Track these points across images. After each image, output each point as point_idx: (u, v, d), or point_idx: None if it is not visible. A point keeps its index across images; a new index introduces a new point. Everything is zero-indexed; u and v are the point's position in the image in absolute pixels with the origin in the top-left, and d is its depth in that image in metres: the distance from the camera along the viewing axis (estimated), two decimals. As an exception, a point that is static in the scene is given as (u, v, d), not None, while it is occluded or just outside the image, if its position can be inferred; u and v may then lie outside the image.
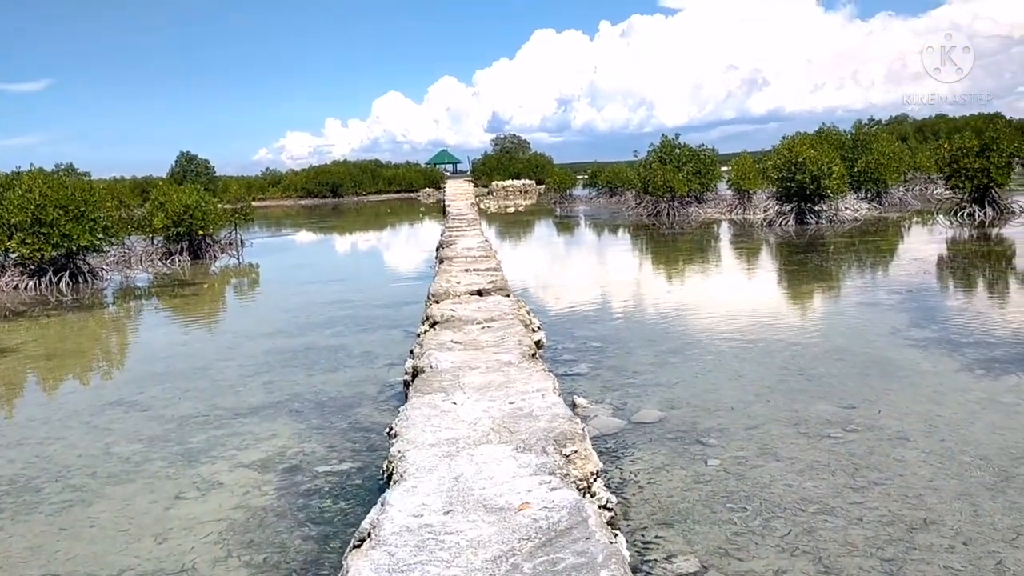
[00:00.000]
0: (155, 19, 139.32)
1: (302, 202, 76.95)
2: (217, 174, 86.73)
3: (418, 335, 8.98)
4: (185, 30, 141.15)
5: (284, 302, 14.10)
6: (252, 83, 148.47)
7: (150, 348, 10.74)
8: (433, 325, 8.50)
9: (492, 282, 10.78)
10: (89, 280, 18.63)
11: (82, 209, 18.48)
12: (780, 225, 23.77)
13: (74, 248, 18.09)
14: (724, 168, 37.68)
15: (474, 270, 12.21)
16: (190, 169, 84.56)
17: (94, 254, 19.59)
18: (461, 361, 6.32)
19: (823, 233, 21.76)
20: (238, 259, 24.46)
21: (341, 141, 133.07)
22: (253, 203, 79.33)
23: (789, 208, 24.20)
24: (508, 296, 10.46)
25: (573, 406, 6.82)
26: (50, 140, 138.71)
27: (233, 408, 7.28)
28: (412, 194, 78.99)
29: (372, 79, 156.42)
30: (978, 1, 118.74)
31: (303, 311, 12.67)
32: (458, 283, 10.99)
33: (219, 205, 26.70)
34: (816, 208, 24.06)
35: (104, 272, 19.68)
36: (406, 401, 5.51)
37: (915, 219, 25.61)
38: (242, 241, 27.87)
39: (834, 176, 23.43)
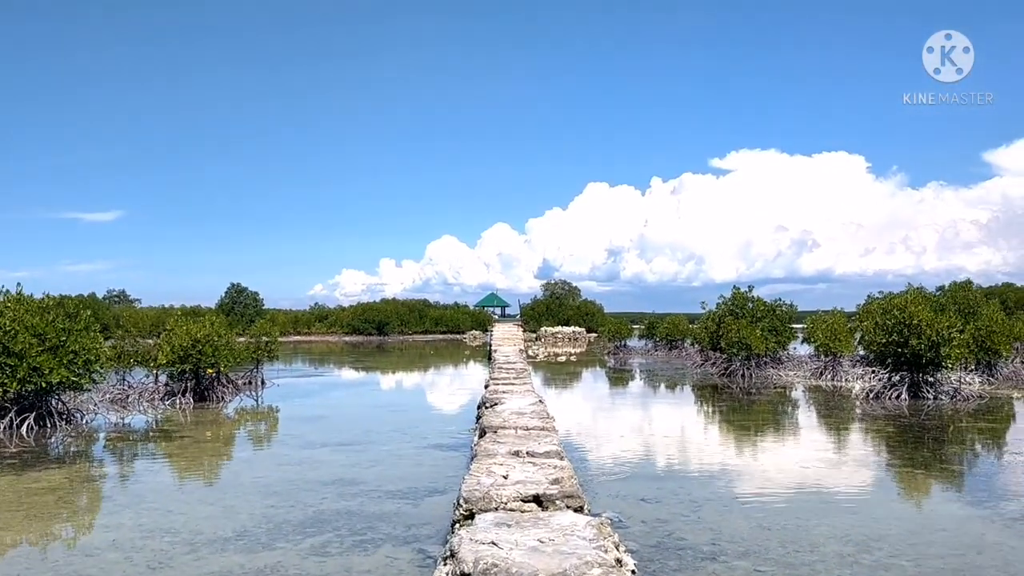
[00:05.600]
0: (219, 158, 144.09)
1: (347, 338, 74.90)
2: (267, 307, 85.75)
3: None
4: (249, 169, 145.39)
5: (272, 478, 10.58)
6: (311, 221, 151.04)
7: (41, 556, 7.27)
8: (461, 579, 4.97)
9: (556, 481, 7.24)
10: (58, 424, 15.48)
11: (63, 339, 15.56)
12: (889, 398, 19.87)
13: (43, 384, 15.03)
14: (795, 326, 34.22)
15: (527, 453, 8.69)
16: (239, 300, 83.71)
17: (76, 392, 16.58)
18: None
19: (944, 411, 17.80)
20: (257, 402, 21.32)
21: (394, 280, 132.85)
22: (298, 337, 77.74)
23: (899, 378, 20.34)
24: (582, 509, 6.88)
25: None
26: (115, 268, 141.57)
27: None
28: (459, 336, 76.55)
29: (427, 223, 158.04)
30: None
31: (289, 498, 9.17)
32: (504, 478, 7.46)
33: (237, 339, 23.78)
34: (932, 380, 20.19)
35: (82, 415, 16.53)
36: None
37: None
38: (263, 381, 24.86)
39: (954, 343, 19.68)
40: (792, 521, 8.07)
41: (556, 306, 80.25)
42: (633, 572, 6.29)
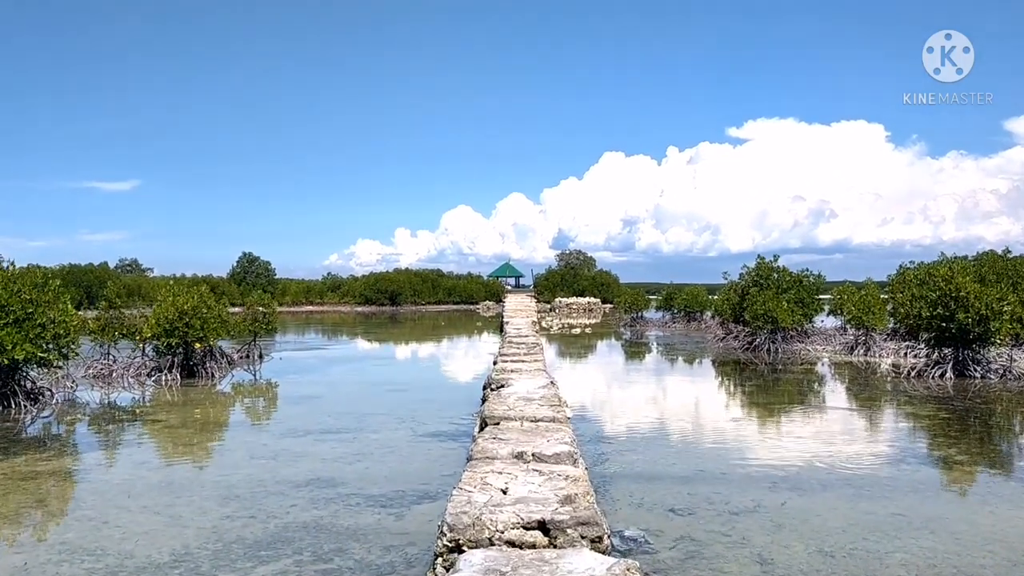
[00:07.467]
0: (236, 128, 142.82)
1: (359, 309, 73.74)
2: (280, 276, 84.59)
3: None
4: (266, 139, 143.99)
5: (237, 476, 9.12)
6: (327, 191, 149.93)
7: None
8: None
9: (568, 500, 5.72)
10: (23, 405, 14.11)
11: (29, 311, 14.18)
12: (932, 377, 18.26)
13: (6, 361, 13.66)
14: (822, 297, 32.51)
15: (534, 456, 7.19)
16: (251, 270, 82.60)
17: (46, 369, 15.23)
18: None
19: (996, 392, 16.21)
20: (254, 377, 20.05)
21: (409, 251, 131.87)
22: (311, 307, 76.66)
23: (943, 355, 18.71)
24: (601, 540, 5.38)
25: None
26: (133, 237, 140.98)
27: None
28: (472, 306, 75.21)
29: (443, 192, 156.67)
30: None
31: (251, 505, 7.73)
32: (503, 492, 5.97)
33: (229, 311, 22.46)
34: (979, 357, 18.54)
35: (52, 393, 15.19)
36: None
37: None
38: (261, 355, 23.58)
39: (1005, 317, 18.01)
40: (859, 543, 6.54)
41: (571, 276, 78.58)
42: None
